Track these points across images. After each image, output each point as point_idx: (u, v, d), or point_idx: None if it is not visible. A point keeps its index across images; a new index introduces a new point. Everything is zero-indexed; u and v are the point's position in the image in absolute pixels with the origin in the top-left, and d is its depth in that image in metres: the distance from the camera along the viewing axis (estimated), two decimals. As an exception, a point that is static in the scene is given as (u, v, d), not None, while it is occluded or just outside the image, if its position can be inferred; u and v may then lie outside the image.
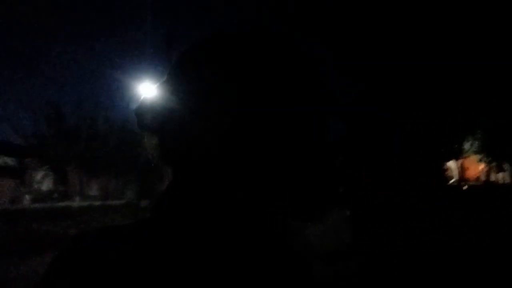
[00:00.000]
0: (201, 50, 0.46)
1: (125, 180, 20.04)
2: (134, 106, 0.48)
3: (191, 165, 0.44)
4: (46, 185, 20.04)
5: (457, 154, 22.33)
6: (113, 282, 0.37)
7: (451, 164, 23.58)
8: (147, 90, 12.42)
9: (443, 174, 20.05)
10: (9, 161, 18.55)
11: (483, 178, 22.98)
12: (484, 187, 18.97)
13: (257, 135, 0.42)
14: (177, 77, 0.46)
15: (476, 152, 22.31)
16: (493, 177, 22.70)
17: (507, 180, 21.87)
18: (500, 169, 22.55)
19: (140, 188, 17.32)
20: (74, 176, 20.15)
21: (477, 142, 21.88)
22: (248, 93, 0.42)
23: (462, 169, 24.48)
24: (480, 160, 22.65)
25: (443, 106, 19.11)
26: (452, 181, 22.33)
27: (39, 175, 19.87)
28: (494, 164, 22.27)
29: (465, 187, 19.29)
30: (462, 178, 23.56)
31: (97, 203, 15.05)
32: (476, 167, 23.75)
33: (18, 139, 18.88)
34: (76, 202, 16.80)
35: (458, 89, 19.35)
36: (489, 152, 21.56)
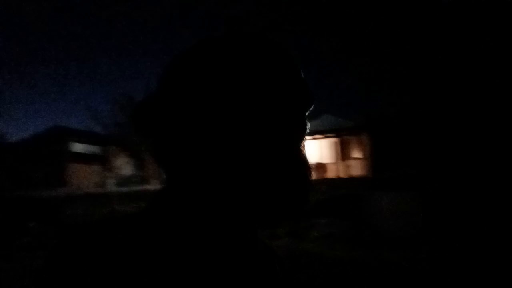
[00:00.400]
0: (190, 57, 0.48)
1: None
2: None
3: (185, 167, 0.45)
4: (126, 171, 21.79)
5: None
6: (108, 276, 0.37)
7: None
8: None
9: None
10: (94, 149, 20.41)
11: None
12: None
13: (245, 139, 0.43)
14: (170, 83, 0.47)
15: None
16: None
17: None
18: None
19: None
20: (150, 162, 21.60)
21: None
22: (237, 99, 0.44)
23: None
24: None
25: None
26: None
27: (120, 161, 21.63)
28: None
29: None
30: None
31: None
32: None
33: (101, 129, 20.73)
34: (153, 185, 18.00)
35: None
36: None
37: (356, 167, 15.43)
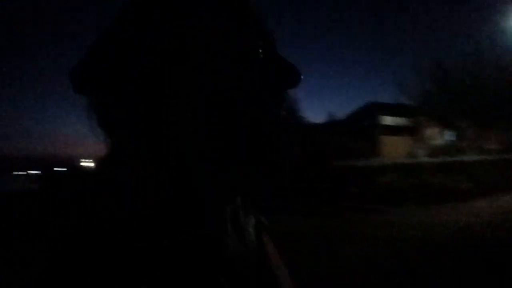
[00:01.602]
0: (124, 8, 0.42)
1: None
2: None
3: (132, 131, 0.38)
4: (437, 141, 20.98)
5: None
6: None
7: None
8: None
9: None
10: (404, 121, 20.91)
11: None
12: None
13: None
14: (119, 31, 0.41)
15: None
16: None
17: None
18: None
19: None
20: (467, 131, 19.78)
21: None
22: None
23: None
24: None
25: None
26: None
27: (429, 132, 21.09)
28: None
29: None
30: None
31: (491, 157, 14.11)
32: None
33: (408, 100, 20.90)
34: (468, 156, 16.53)
35: None
36: None
37: None
